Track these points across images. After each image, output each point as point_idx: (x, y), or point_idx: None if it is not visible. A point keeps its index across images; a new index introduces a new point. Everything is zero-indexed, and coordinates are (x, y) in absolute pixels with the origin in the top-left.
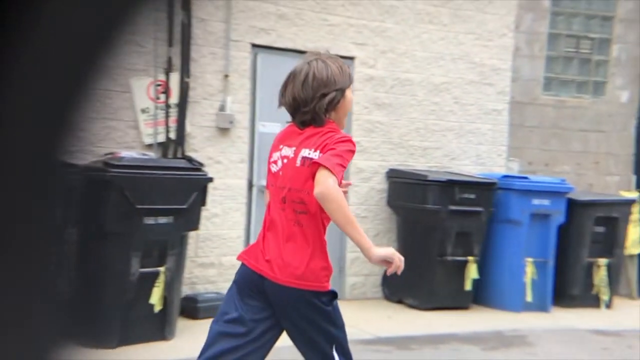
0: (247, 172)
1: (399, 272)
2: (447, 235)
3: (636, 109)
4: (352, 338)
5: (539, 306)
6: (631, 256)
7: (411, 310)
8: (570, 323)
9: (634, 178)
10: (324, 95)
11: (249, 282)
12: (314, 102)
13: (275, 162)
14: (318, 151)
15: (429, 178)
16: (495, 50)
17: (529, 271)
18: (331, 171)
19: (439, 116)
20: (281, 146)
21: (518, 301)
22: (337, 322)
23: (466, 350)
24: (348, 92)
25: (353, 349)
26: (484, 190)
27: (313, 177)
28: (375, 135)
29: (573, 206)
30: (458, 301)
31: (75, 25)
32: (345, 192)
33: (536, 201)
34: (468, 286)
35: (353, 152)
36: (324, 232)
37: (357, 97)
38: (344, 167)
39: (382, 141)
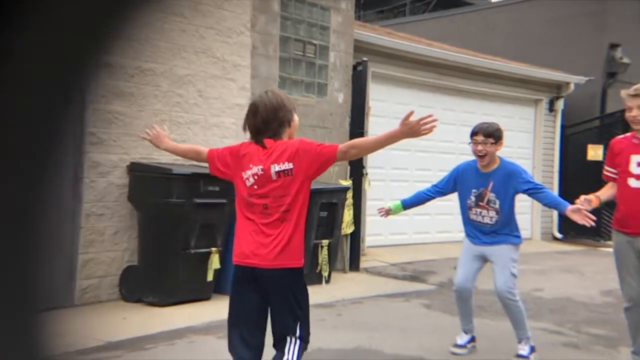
0: None
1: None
2: (191, 228)
3: (349, 109)
4: (79, 348)
5: None
6: (345, 236)
7: (151, 308)
8: None
9: (348, 168)
10: (282, 115)
11: (244, 276)
12: (275, 121)
13: (247, 178)
14: (292, 163)
15: (174, 171)
16: (235, 47)
17: None
18: (331, 150)
19: (183, 108)
20: (251, 165)
21: None
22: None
23: (202, 341)
24: (294, 115)
25: (80, 359)
26: (228, 182)
27: (297, 181)
28: (116, 126)
29: None
30: (200, 293)
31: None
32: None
33: None
34: (210, 277)
35: None
36: (304, 221)
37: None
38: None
39: (123, 133)
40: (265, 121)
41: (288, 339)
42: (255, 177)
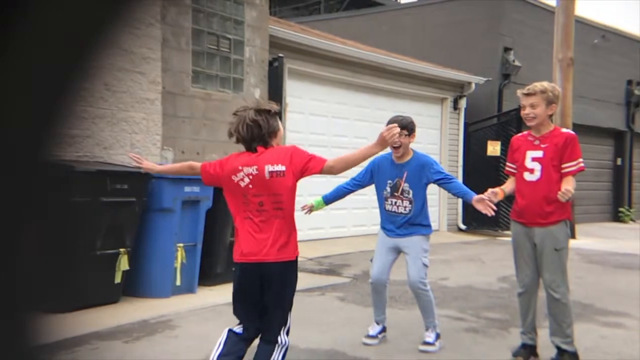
0: None
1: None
2: (98, 228)
3: None
4: None
5: (187, 288)
6: None
7: (50, 315)
8: (212, 300)
9: None
10: (272, 123)
11: (248, 273)
12: (263, 130)
13: (242, 179)
14: (285, 166)
15: (77, 169)
16: (143, 39)
17: (180, 256)
18: (320, 160)
19: (87, 102)
20: (240, 167)
21: (167, 287)
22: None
23: (107, 346)
24: (279, 123)
25: None
26: (137, 180)
27: (288, 182)
28: None
29: (218, 191)
30: (108, 296)
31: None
32: None
33: (187, 188)
34: (118, 279)
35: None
36: (294, 215)
37: None
38: (312, 155)
39: None
40: (259, 129)
41: (279, 339)
42: (250, 177)
